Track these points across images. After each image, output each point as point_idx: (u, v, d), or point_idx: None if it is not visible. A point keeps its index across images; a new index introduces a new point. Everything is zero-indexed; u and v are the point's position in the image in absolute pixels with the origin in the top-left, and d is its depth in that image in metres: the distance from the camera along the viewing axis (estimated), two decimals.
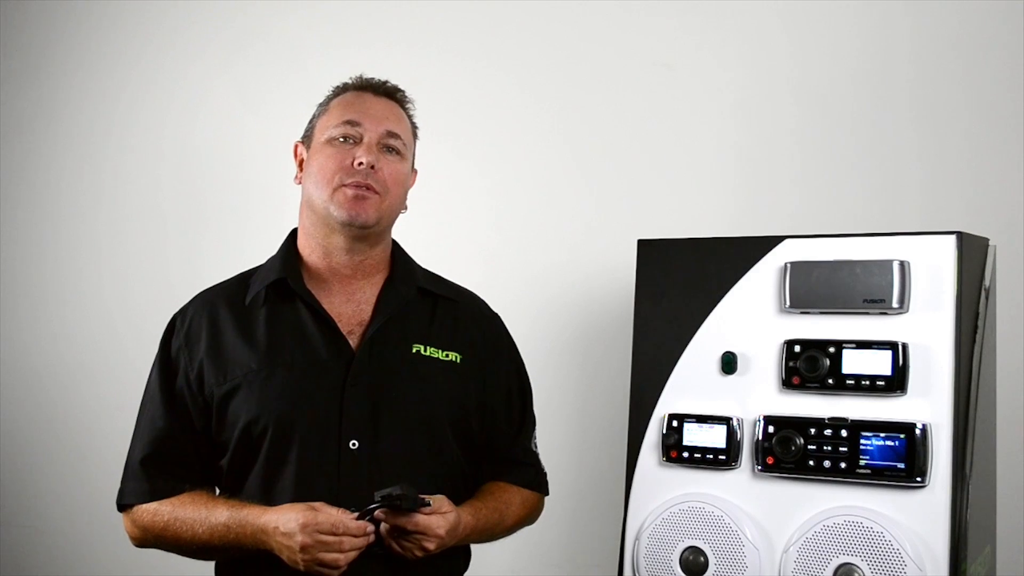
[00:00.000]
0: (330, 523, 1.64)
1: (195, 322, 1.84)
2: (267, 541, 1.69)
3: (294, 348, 1.79)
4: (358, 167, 1.79)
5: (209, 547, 1.76)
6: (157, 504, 1.80)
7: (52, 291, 3.38)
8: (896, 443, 1.68)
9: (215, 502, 1.77)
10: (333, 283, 1.85)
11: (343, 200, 1.79)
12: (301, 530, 1.64)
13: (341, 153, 1.80)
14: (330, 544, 1.64)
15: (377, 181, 1.80)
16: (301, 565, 1.65)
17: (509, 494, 1.90)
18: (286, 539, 1.65)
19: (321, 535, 1.64)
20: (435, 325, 1.87)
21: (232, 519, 1.73)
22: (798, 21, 2.47)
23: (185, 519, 1.77)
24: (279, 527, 1.66)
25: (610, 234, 2.59)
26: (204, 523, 1.75)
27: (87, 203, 3.34)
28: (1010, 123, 2.26)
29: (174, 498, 1.80)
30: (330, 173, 1.80)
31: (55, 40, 3.40)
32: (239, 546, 1.73)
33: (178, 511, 1.78)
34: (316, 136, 1.86)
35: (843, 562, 1.69)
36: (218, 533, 1.73)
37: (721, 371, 1.84)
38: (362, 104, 1.85)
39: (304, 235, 1.87)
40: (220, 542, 1.74)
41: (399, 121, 1.87)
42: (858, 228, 1.90)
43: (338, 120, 1.83)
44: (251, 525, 1.71)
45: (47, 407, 3.37)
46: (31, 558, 3.36)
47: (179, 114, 3.21)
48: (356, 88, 1.89)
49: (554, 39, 2.72)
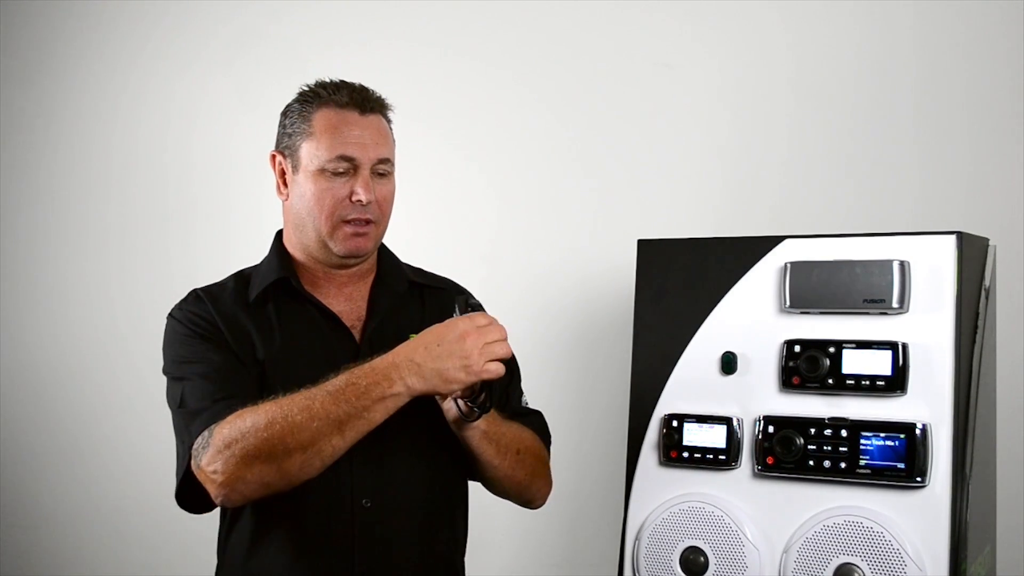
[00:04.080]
0: (487, 318, 1.64)
1: (203, 308, 1.81)
2: (405, 376, 1.61)
3: (311, 340, 1.80)
4: (356, 203, 1.77)
5: (331, 424, 1.59)
6: (249, 411, 1.63)
7: (53, 291, 3.38)
8: (896, 443, 1.68)
9: (315, 383, 1.63)
10: (327, 285, 1.86)
11: (343, 237, 1.78)
12: (461, 338, 1.61)
13: (336, 186, 1.77)
14: (488, 329, 1.63)
15: (374, 212, 1.79)
16: (473, 368, 1.61)
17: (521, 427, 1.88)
18: (446, 350, 1.61)
19: (479, 326, 1.62)
20: (426, 313, 1.88)
21: (353, 374, 1.62)
22: (799, 21, 2.47)
23: (294, 402, 1.61)
24: (424, 348, 1.62)
25: (610, 234, 2.59)
26: (319, 394, 1.61)
27: (87, 203, 3.34)
28: (1010, 123, 2.26)
29: (261, 403, 1.64)
30: (328, 208, 1.77)
31: (55, 40, 3.40)
32: (367, 408, 1.60)
33: (281, 403, 1.61)
34: (304, 160, 1.79)
35: (843, 562, 1.69)
36: (342, 396, 1.60)
37: (721, 371, 1.84)
38: (350, 132, 1.78)
39: (293, 243, 1.86)
40: (346, 408, 1.59)
41: (386, 141, 1.83)
42: (858, 228, 1.90)
43: (330, 153, 1.76)
44: (376, 366, 1.62)
45: (47, 407, 3.37)
46: (31, 558, 3.36)
47: (179, 114, 3.21)
48: (338, 105, 1.80)
49: (554, 39, 2.72)
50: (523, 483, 1.87)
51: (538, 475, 1.90)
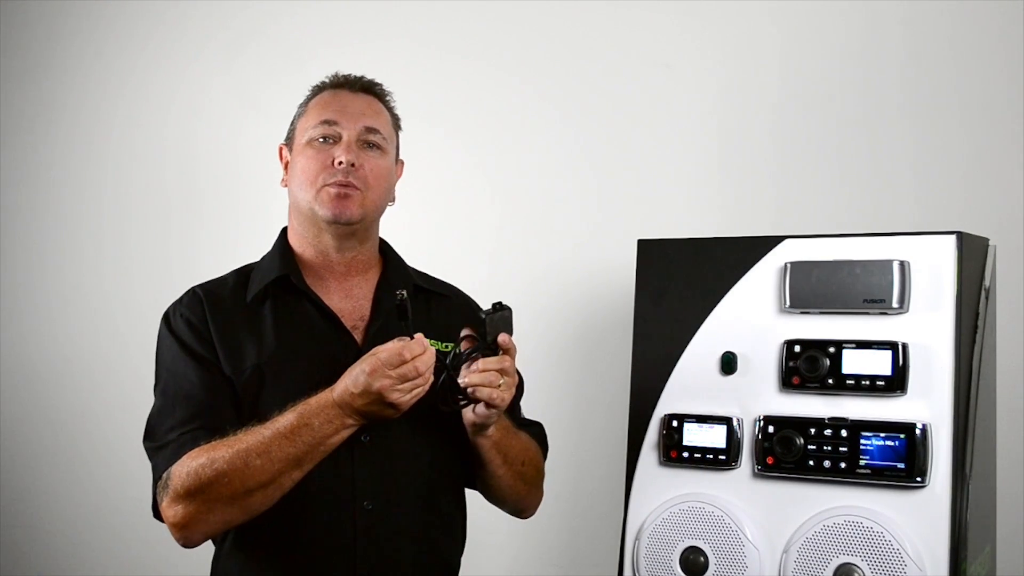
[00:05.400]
0: (390, 353, 1.61)
1: (199, 309, 1.82)
2: (350, 413, 1.63)
3: (307, 341, 1.80)
4: (338, 166, 1.80)
5: (289, 463, 1.63)
6: (205, 452, 1.66)
7: (52, 291, 3.38)
8: (896, 443, 1.68)
9: (268, 419, 1.66)
10: (330, 280, 1.86)
11: (326, 199, 1.80)
12: (370, 375, 1.60)
13: (321, 154, 1.81)
14: (406, 375, 1.60)
15: (358, 178, 1.81)
16: (401, 406, 1.62)
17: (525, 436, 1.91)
18: (365, 397, 1.61)
19: (391, 371, 1.60)
20: (431, 318, 1.88)
21: (303, 414, 1.64)
22: (798, 21, 2.47)
23: (250, 446, 1.64)
24: (351, 391, 1.62)
25: (610, 234, 2.59)
26: (274, 437, 1.63)
27: (87, 203, 3.34)
28: (1010, 123, 2.26)
29: (216, 442, 1.66)
30: (312, 174, 1.81)
31: (55, 40, 3.40)
32: (322, 443, 1.64)
33: (236, 445, 1.64)
34: (297, 138, 1.87)
35: (843, 562, 1.69)
36: (298, 437, 1.62)
37: (721, 371, 1.84)
38: (339, 102, 1.86)
39: (295, 235, 1.88)
40: (303, 448, 1.63)
41: (377, 116, 1.87)
42: (858, 228, 1.90)
43: (316, 120, 1.84)
44: (324, 405, 1.64)
45: (47, 407, 3.37)
46: (31, 558, 3.36)
47: (179, 114, 3.21)
48: (333, 86, 1.90)
49: (554, 39, 2.72)
50: (521, 493, 1.91)
51: (535, 486, 1.94)
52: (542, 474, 1.95)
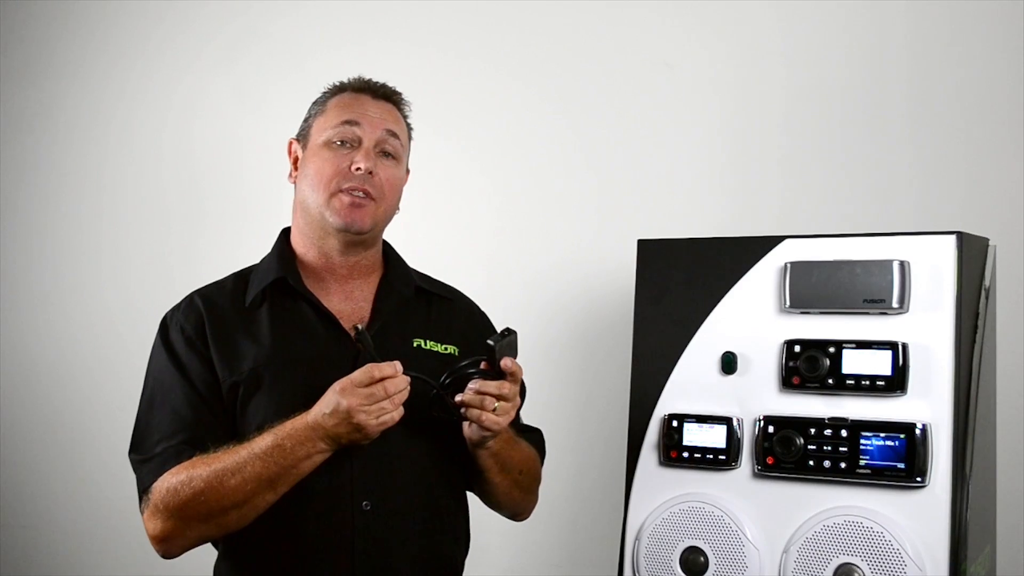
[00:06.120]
0: (361, 372, 1.62)
1: (195, 318, 1.82)
2: (322, 436, 1.64)
3: (303, 345, 1.79)
4: (355, 172, 1.79)
5: (262, 484, 1.65)
6: (185, 469, 1.69)
7: (52, 290, 3.38)
8: (896, 443, 1.68)
9: (246, 440, 1.68)
10: (330, 282, 1.85)
11: (339, 207, 1.79)
12: (339, 393, 1.61)
13: (339, 157, 1.80)
14: (375, 394, 1.61)
15: (374, 186, 1.80)
16: (367, 430, 1.62)
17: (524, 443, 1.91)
18: (335, 417, 1.62)
19: (360, 389, 1.61)
20: (432, 321, 1.88)
21: (278, 435, 1.65)
22: (799, 21, 2.47)
23: (226, 466, 1.65)
24: (323, 412, 1.63)
25: (610, 234, 2.59)
26: (249, 458, 1.65)
27: (87, 202, 3.34)
28: (1010, 123, 2.26)
29: (197, 459, 1.69)
30: (327, 177, 1.80)
31: (55, 40, 3.40)
32: (295, 465, 1.65)
33: (213, 464, 1.67)
34: (313, 137, 1.85)
35: (843, 562, 1.69)
36: (271, 458, 1.64)
37: (721, 371, 1.84)
38: (361, 106, 1.84)
39: (299, 235, 1.87)
40: (275, 470, 1.65)
41: (396, 124, 1.87)
42: (858, 228, 1.90)
43: (336, 121, 1.82)
44: (298, 428, 1.65)
45: (47, 407, 3.37)
46: (31, 558, 3.36)
47: (179, 114, 3.20)
48: (354, 89, 1.88)
49: (554, 38, 2.72)
50: (516, 500, 1.91)
51: (531, 493, 1.94)
52: (539, 481, 1.95)
